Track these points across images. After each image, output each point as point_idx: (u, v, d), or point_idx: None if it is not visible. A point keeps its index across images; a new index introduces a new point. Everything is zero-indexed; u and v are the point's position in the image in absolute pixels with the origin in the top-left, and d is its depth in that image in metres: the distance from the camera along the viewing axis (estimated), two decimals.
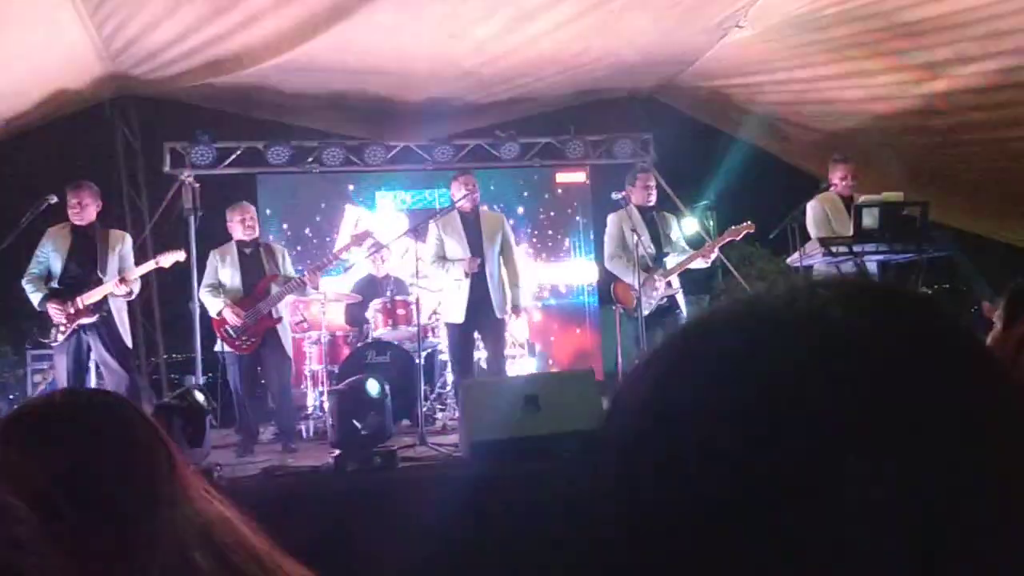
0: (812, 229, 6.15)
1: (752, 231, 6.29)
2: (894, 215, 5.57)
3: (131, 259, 6.05)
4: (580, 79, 8.09)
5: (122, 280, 5.78)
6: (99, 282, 5.77)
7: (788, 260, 6.19)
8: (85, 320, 5.74)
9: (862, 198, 5.82)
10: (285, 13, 6.12)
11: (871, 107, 7.50)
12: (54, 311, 5.68)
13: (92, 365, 5.89)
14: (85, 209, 5.83)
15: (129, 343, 6.05)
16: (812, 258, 5.88)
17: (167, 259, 6.07)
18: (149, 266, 6.05)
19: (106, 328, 5.82)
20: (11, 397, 7.33)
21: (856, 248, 5.64)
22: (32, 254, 5.80)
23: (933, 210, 5.73)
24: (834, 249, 5.66)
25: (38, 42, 6.15)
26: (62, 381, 5.80)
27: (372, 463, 4.72)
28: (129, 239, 6.17)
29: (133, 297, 6.08)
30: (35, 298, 5.76)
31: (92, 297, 5.73)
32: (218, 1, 5.87)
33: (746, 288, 8.30)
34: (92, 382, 5.86)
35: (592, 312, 9.39)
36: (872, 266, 5.99)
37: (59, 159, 7.29)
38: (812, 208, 6.20)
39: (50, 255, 5.80)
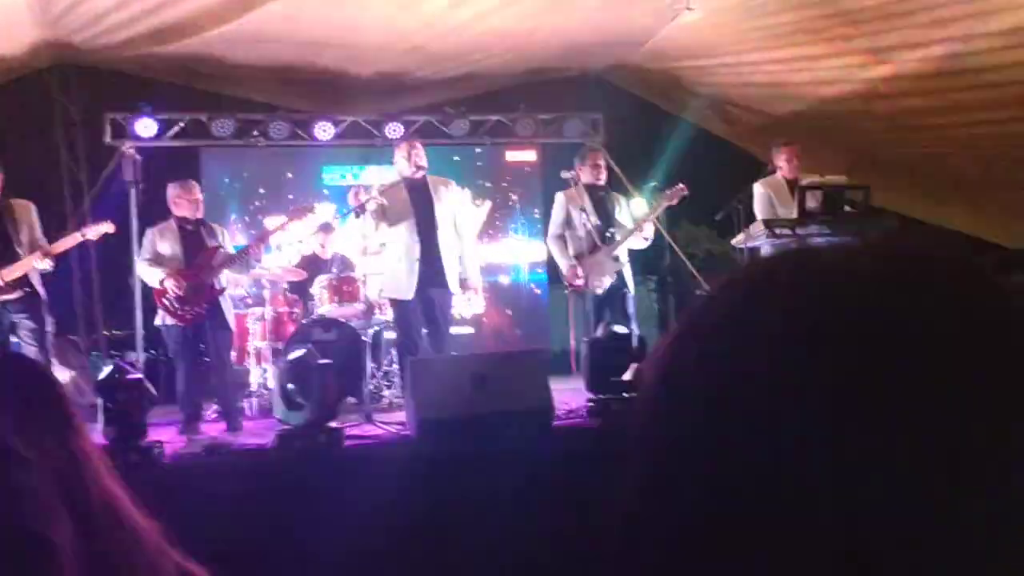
0: (758, 212, 6.25)
1: (685, 194, 6.36)
2: (837, 198, 5.67)
3: (39, 230, 5.76)
4: (531, 57, 8.08)
5: (45, 253, 5.51)
6: (16, 256, 5.50)
7: (733, 242, 6.27)
8: (6, 296, 5.47)
9: (805, 180, 5.92)
10: None
11: (817, 91, 7.61)
12: None
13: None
14: None
15: (49, 323, 5.81)
16: (756, 240, 5.96)
17: (94, 231, 5.85)
18: (75, 238, 5.81)
19: (29, 303, 5.58)
20: None
21: (799, 231, 5.73)
22: None
23: (877, 194, 5.84)
24: (777, 231, 5.74)
25: None
26: None
27: (317, 441, 4.68)
28: (35, 208, 5.83)
29: (51, 269, 5.75)
30: None
31: (14, 272, 5.46)
32: None
33: (691, 269, 8.40)
34: None
35: (541, 291, 9.41)
36: None
37: None
38: (757, 191, 6.32)
39: None
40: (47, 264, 5.56)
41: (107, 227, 5.95)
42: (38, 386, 0.99)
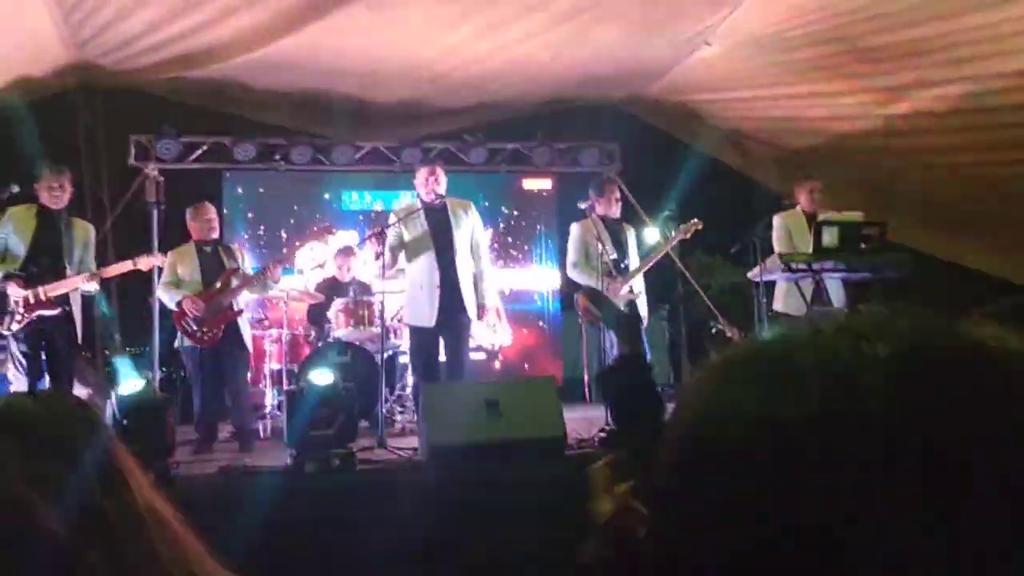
0: (776, 244, 6.29)
1: (699, 228, 6.42)
2: (853, 234, 5.69)
3: (93, 252, 5.87)
4: (549, 88, 8.16)
5: (93, 276, 5.57)
6: (64, 273, 5.56)
7: (749, 274, 6.29)
8: (47, 312, 5.48)
9: (821, 216, 5.95)
10: (260, 9, 6.10)
11: (833, 126, 7.66)
12: (14, 292, 5.40)
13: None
14: (65, 193, 5.64)
15: (80, 341, 5.90)
16: (772, 273, 5.99)
17: (145, 262, 5.92)
18: (126, 266, 5.86)
19: (66, 323, 5.62)
20: None
21: (815, 265, 5.75)
22: None
23: (893, 230, 5.86)
24: (793, 266, 5.77)
25: (2, 26, 6.05)
26: (15, 372, 5.58)
27: (330, 464, 4.71)
28: (94, 231, 5.99)
29: (95, 293, 5.89)
30: None
31: (58, 289, 5.50)
32: None
33: (705, 299, 8.41)
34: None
35: (553, 318, 9.45)
36: (833, 284, 6.12)
37: (18, 147, 7.16)
38: (776, 223, 6.36)
39: (10, 236, 5.53)
40: (94, 287, 5.63)
41: (159, 260, 6.03)
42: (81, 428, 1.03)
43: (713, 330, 7.93)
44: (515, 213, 9.46)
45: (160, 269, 6.33)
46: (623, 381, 5.13)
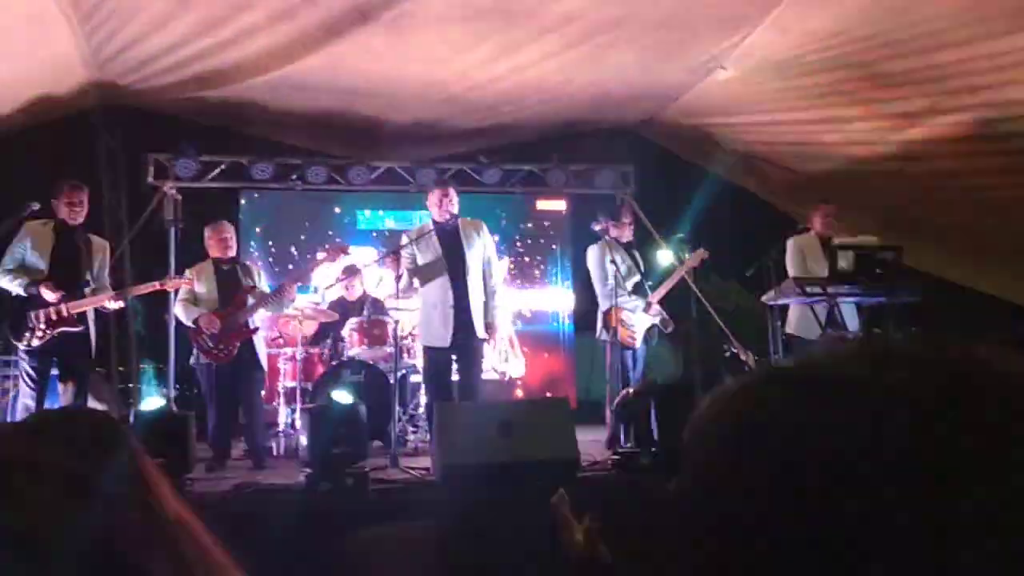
0: (789, 268, 6.30)
1: (706, 257, 6.49)
2: (868, 258, 5.69)
3: (107, 269, 5.90)
4: (564, 110, 8.20)
5: (119, 295, 5.60)
6: (83, 289, 5.58)
7: (764, 298, 6.29)
8: (68, 329, 5.49)
9: (837, 240, 5.95)
10: (278, 30, 6.16)
11: (848, 151, 7.67)
12: (48, 295, 5.39)
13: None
14: (83, 209, 5.67)
15: (94, 356, 5.89)
16: (787, 297, 5.99)
17: (172, 283, 5.98)
18: (152, 286, 5.89)
19: (85, 341, 5.63)
20: None
21: (830, 289, 5.75)
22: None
23: (908, 255, 5.86)
24: (808, 289, 5.77)
25: (23, 47, 6.14)
26: (26, 390, 5.55)
27: (343, 483, 4.72)
28: (108, 248, 6.02)
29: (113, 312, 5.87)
30: (16, 286, 5.44)
31: (82, 307, 5.53)
32: (212, 15, 5.90)
33: (719, 322, 8.39)
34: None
35: (567, 339, 9.44)
36: (847, 308, 6.12)
37: (39, 165, 7.25)
38: (790, 247, 6.37)
39: (28, 252, 5.53)
40: (116, 306, 5.64)
41: (185, 281, 6.05)
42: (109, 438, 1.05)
43: (727, 353, 7.92)
44: (529, 234, 9.49)
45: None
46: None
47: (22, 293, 5.45)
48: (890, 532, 0.47)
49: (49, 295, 5.41)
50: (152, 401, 5.40)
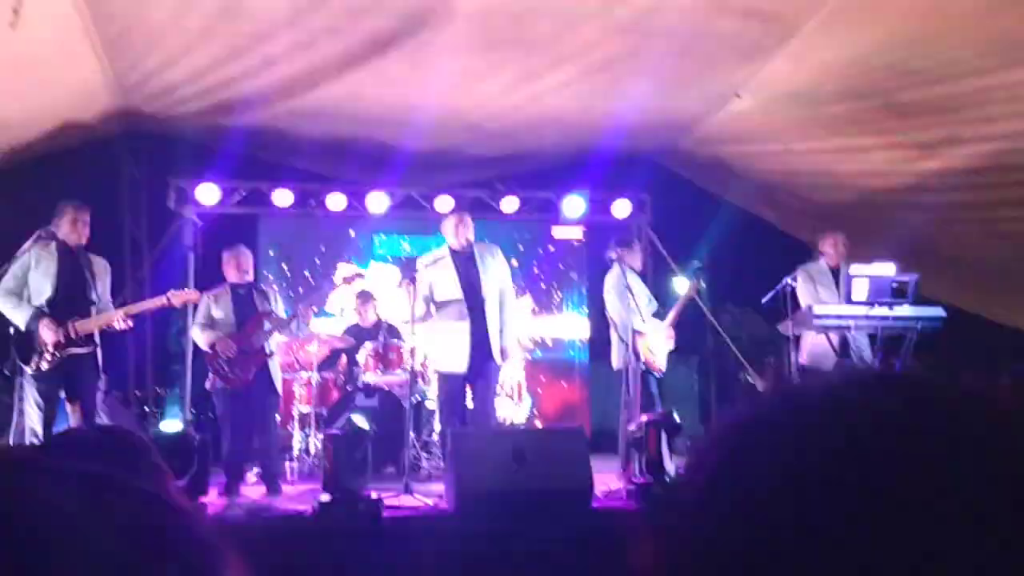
0: (800, 297, 6.28)
1: (696, 292, 6.57)
2: (885, 287, 5.67)
3: (109, 290, 5.81)
4: (581, 138, 8.24)
5: (128, 314, 5.54)
6: (89, 309, 5.51)
7: (779, 327, 6.28)
8: (78, 350, 5.38)
9: (853, 268, 5.94)
10: (299, 59, 6.24)
11: (865, 181, 7.66)
12: (47, 333, 5.27)
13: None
14: (86, 228, 5.60)
15: (102, 379, 5.83)
16: (803, 326, 5.97)
17: (179, 298, 5.82)
18: (159, 301, 5.79)
19: (91, 361, 5.55)
20: None
21: (846, 318, 5.73)
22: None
23: (926, 284, 5.84)
24: (824, 318, 5.75)
25: (50, 73, 6.24)
26: (33, 414, 5.37)
27: (356, 509, 4.72)
28: (110, 269, 5.88)
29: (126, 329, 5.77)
30: (18, 316, 5.29)
31: (90, 327, 5.44)
32: (234, 44, 5.98)
33: (735, 351, 8.37)
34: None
35: (582, 367, 9.42)
36: (861, 337, 6.10)
37: (63, 190, 7.35)
38: (800, 276, 6.33)
39: (32, 274, 5.40)
40: (125, 325, 5.54)
41: (192, 295, 6.00)
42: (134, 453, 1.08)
43: (743, 382, 7.90)
44: (546, 261, 9.51)
45: (194, 308, 6.40)
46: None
47: (21, 328, 5.33)
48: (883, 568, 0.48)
49: (48, 335, 5.28)
50: (171, 424, 5.42)
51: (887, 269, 5.93)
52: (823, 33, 5.62)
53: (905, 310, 5.73)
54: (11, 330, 5.36)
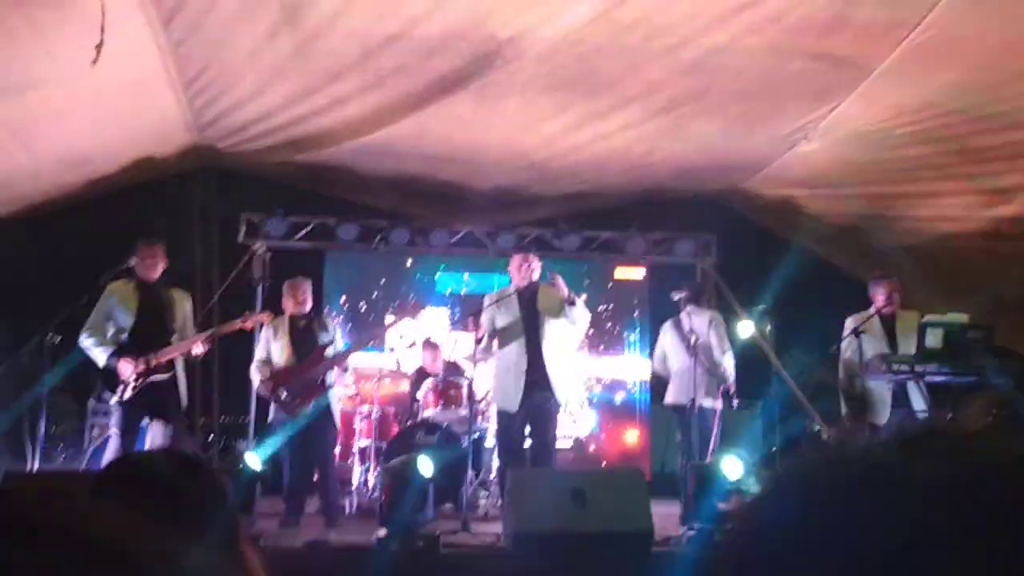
0: (844, 348, 6.12)
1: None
2: (958, 337, 5.51)
3: (191, 320, 6.08)
4: (645, 178, 8.22)
5: (205, 339, 5.77)
6: (169, 340, 5.77)
7: (840, 374, 6.13)
8: (159, 377, 5.67)
9: (927, 317, 5.77)
10: (369, 99, 6.37)
11: (937, 227, 7.48)
12: (125, 367, 5.59)
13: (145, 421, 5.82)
14: (159, 264, 5.89)
15: (185, 404, 6.05)
16: (872, 375, 5.81)
17: (252, 320, 6.12)
18: (234, 325, 6.05)
19: (173, 387, 5.80)
20: (67, 449, 7.39)
21: (918, 368, 5.57)
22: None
23: (1000, 334, 5.65)
24: (895, 367, 5.60)
25: (131, 109, 6.47)
26: (117, 437, 5.71)
27: (415, 546, 4.71)
28: (190, 299, 6.18)
29: (200, 358, 6.04)
30: (98, 355, 5.66)
31: (170, 354, 5.71)
32: (306, 84, 6.14)
33: (800, 398, 8.19)
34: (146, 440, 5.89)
35: (642, 409, 9.31)
36: (914, 388, 5.87)
37: (137, 222, 7.58)
38: (847, 325, 6.11)
39: (115, 310, 5.75)
40: (203, 349, 5.81)
41: (265, 317, 6.22)
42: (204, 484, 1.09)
43: (809, 431, 7.71)
44: (607, 301, 9.46)
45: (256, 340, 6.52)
46: None
47: (100, 365, 5.68)
48: None
49: (126, 369, 5.60)
50: (252, 458, 5.52)
51: (961, 319, 5.75)
52: (895, 76, 5.54)
53: (979, 361, 5.54)
54: (101, 365, 5.72)
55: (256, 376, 6.27)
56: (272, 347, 6.28)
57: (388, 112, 6.60)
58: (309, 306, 6.44)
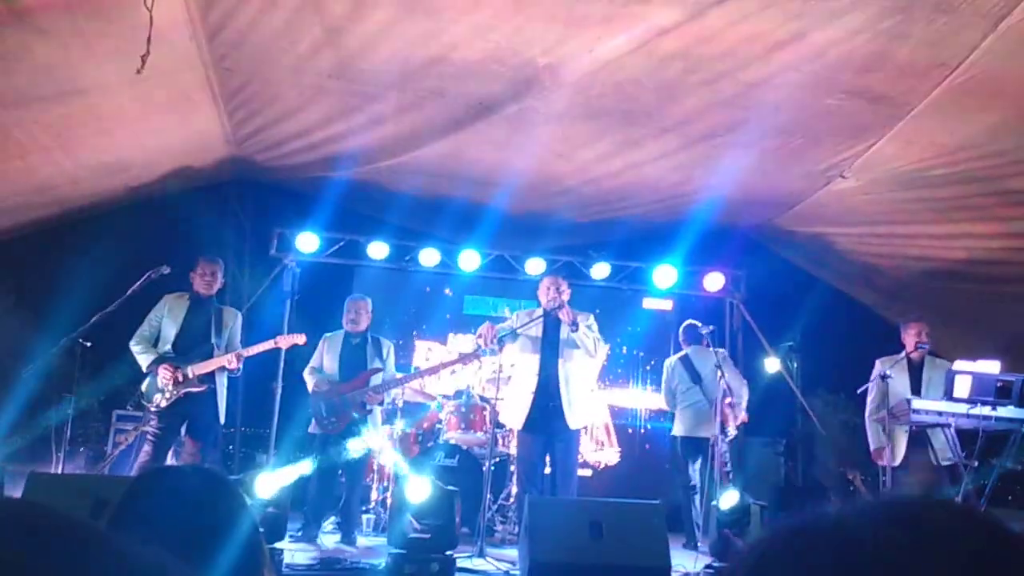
0: (871, 390, 6.04)
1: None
2: (989, 385, 5.41)
3: (238, 338, 6.12)
4: (678, 208, 8.19)
5: (239, 356, 5.80)
6: (211, 355, 5.84)
7: (875, 418, 6.04)
8: (193, 389, 5.75)
9: (957, 364, 5.67)
10: (406, 120, 6.42)
11: (973, 269, 7.38)
12: (163, 374, 5.69)
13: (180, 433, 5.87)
14: (216, 281, 6.01)
15: (223, 420, 6.08)
16: (899, 420, 5.73)
17: (286, 341, 6.14)
18: (267, 345, 6.08)
19: (211, 401, 5.84)
20: (89, 453, 7.46)
21: (944, 413, 5.47)
22: (138, 318, 5.89)
23: None
24: (924, 413, 5.51)
25: (172, 120, 6.58)
26: (150, 444, 5.73)
27: (428, 568, 4.68)
28: (240, 317, 6.24)
29: (239, 374, 6.07)
30: (143, 359, 5.80)
31: (204, 368, 5.78)
32: (345, 103, 6.20)
33: (824, 435, 8.09)
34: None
35: (664, 441, 9.23)
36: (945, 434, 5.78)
37: (172, 231, 7.68)
38: (876, 369, 6.03)
39: (164, 320, 5.88)
40: (236, 366, 5.85)
41: (300, 339, 6.23)
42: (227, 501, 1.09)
43: (835, 472, 7.60)
44: (634, 332, 9.41)
45: (288, 354, 6.55)
46: None
47: (144, 370, 5.82)
48: None
49: (163, 377, 5.72)
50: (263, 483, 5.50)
51: (992, 367, 5.64)
52: (934, 115, 5.50)
53: (1009, 411, 5.43)
54: (144, 370, 5.86)
55: (309, 380, 6.35)
56: (324, 359, 6.33)
57: (425, 133, 6.65)
58: (364, 325, 6.44)
